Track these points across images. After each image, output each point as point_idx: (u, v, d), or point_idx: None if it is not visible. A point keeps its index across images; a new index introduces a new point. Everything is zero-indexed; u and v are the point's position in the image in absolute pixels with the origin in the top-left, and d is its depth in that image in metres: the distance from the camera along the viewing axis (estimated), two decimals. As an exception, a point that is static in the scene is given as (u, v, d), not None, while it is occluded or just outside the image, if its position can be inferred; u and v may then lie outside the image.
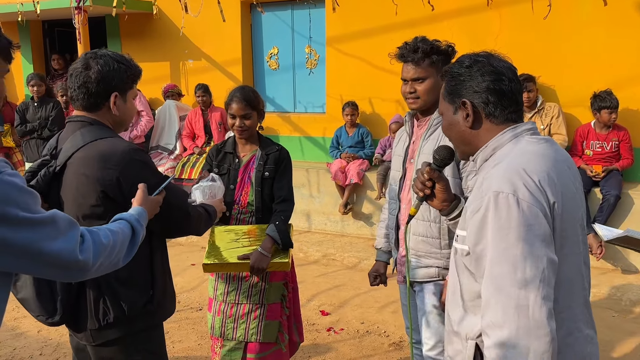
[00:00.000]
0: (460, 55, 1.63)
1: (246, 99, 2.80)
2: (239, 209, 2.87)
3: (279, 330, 2.92)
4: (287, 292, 2.96)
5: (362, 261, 5.41)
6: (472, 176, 2.33)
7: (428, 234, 2.47)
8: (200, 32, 7.29)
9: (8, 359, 3.85)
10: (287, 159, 2.90)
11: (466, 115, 1.56)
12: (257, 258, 2.67)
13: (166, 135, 6.90)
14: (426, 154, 2.42)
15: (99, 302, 1.99)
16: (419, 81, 2.43)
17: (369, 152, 6.10)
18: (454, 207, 1.79)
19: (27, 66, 8.67)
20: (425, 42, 2.41)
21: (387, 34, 6.00)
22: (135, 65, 2.15)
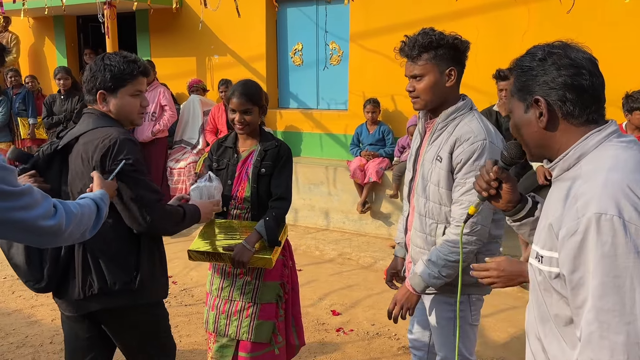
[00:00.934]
0: (531, 47, 1.46)
1: (247, 93, 2.73)
2: (235, 204, 2.83)
3: (272, 331, 2.85)
4: (282, 293, 2.89)
5: (378, 261, 5.31)
6: (459, 188, 2.19)
7: (425, 246, 2.36)
8: (227, 28, 7.31)
9: (19, 345, 3.93)
10: (286, 156, 2.81)
11: (539, 115, 1.38)
12: (238, 250, 2.61)
13: (190, 129, 6.94)
14: (428, 161, 2.29)
15: (86, 274, 2.18)
16: (417, 79, 2.22)
17: (389, 151, 5.99)
18: (520, 208, 1.63)
19: (61, 60, 8.89)
20: (425, 35, 2.18)
21: (411, 30, 5.79)
22: (127, 66, 2.25)
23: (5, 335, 4.09)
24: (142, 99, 2.34)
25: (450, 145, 2.20)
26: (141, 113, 2.36)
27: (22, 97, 7.93)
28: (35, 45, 9.34)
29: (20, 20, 8.92)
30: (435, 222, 2.29)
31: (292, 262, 3.03)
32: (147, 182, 2.22)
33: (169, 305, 4.58)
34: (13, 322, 4.32)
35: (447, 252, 2.21)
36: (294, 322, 3.03)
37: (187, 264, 5.42)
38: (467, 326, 2.39)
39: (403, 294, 2.32)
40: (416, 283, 2.28)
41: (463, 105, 2.26)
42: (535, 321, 1.46)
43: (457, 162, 2.19)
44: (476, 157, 2.15)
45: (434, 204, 2.28)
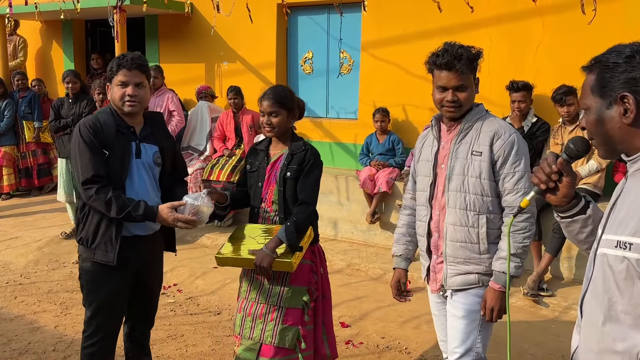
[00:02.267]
0: (615, 45, 1.48)
1: (275, 96, 2.81)
2: (265, 207, 2.89)
3: (297, 337, 2.83)
4: (309, 300, 2.86)
5: (387, 273, 5.22)
6: (510, 178, 2.36)
7: (467, 239, 2.45)
8: (236, 34, 7.28)
9: (22, 352, 3.84)
10: (312, 161, 2.82)
11: (624, 111, 1.42)
12: (260, 256, 2.67)
13: (197, 136, 6.88)
14: (460, 158, 2.42)
15: (79, 224, 2.79)
16: (461, 89, 2.38)
17: (399, 160, 5.92)
18: (575, 204, 1.65)
19: (68, 64, 8.86)
20: (464, 48, 2.36)
21: (423, 41, 5.82)
22: (117, 60, 2.72)
23: (7, 341, 4.00)
24: (128, 89, 2.67)
25: (490, 139, 2.39)
26: (127, 101, 2.68)
27: (28, 101, 7.89)
28: (42, 49, 9.32)
29: (29, 23, 8.91)
30: (478, 213, 2.41)
31: (323, 269, 3.02)
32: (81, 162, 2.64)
33: (173, 314, 4.50)
34: (15, 328, 4.23)
35: (521, 239, 2.39)
36: (325, 330, 3.00)
37: (192, 272, 5.34)
38: (486, 322, 2.47)
39: (495, 296, 2.40)
40: (505, 280, 2.36)
41: (482, 107, 2.51)
42: (602, 316, 1.44)
43: (500, 155, 2.37)
44: (517, 147, 2.38)
45: (476, 196, 2.40)
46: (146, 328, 3.15)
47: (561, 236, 4.62)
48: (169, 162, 2.92)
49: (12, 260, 5.75)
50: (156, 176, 2.86)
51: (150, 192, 2.80)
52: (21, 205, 7.70)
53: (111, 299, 2.79)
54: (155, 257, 3.03)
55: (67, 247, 6.02)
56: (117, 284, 2.79)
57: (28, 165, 8.06)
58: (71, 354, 3.81)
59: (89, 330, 2.81)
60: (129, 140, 2.74)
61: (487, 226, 2.41)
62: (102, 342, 2.80)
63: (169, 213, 2.62)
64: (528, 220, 2.40)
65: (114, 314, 2.86)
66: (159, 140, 2.87)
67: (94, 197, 2.60)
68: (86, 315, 2.82)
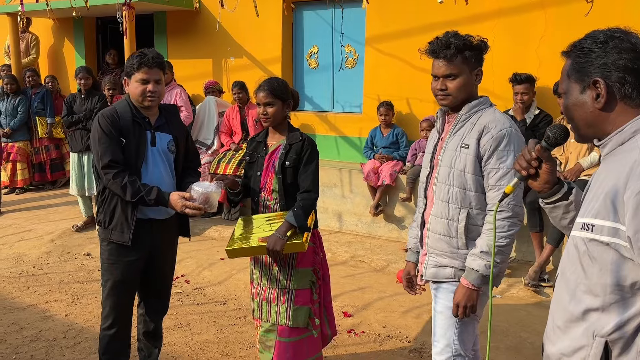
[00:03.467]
0: (591, 31, 1.52)
1: (269, 87, 2.93)
2: (265, 195, 3.02)
3: (309, 316, 2.99)
4: (315, 279, 3.03)
5: (390, 264, 5.29)
6: (494, 174, 2.31)
7: (446, 232, 2.44)
8: (243, 30, 7.36)
9: (33, 339, 3.97)
10: (310, 150, 2.95)
11: (596, 96, 1.45)
12: (272, 240, 2.78)
13: (205, 130, 6.99)
14: (450, 149, 2.40)
15: (99, 208, 3.00)
16: (451, 78, 2.36)
17: (403, 153, 5.97)
18: (556, 190, 1.68)
19: (79, 61, 9.01)
20: (458, 37, 2.34)
21: (427, 34, 5.80)
22: (137, 58, 2.87)
23: (19, 329, 4.14)
24: (149, 85, 2.86)
25: (478, 132, 2.33)
26: (148, 97, 2.88)
27: (41, 97, 8.04)
28: (55, 46, 9.48)
29: (41, 21, 9.07)
30: (459, 207, 2.38)
31: (322, 253, 3.16)
32: (101, 149, 2.83)
33: (180, 303, 4.62)
34: (28, 316, 4.37)
35: (497, 239, 2.29)
36: (325, 311, 3.18)
37: (199, 263, 5.45)
38: (467, 318, 2.42)
39: (462, 293, 2.35)
40: (474, 278, 2.33)
41: (485, 100, 2.43)
42: (567, 294, 1.50)
43: (486, 149, 2.31)
44: (505, 143, 2.29)
45: (459, 189, 2.37)
46: (160, 314, 3.33)
47: (562, 227, 4.65)
48: (182, 150, 3.10)
49: (26, 252, 5.91)
50: (171, 163, 3.05)
51: (164, 178, 2.99)
52: (34, 199, 7.88)
53: (125, 277, 2.99)
54: (169, 241, 3.22)
55: (78, 240, 6.17)
56: (131, 263, 2.99)
57: (41, 160, 8.23)
58: (80, 341, 3.94)
59: (106, 310, 3.04)
60: (144, 129, 2.93)
61: (466, 221, 2.37)
62: (118, 321, 3.02)
63: (178, 200, 2.79)
64: (508, 219, 2.30)
65: (127, 291, 3.06)
66: (172, 129, 3.06)
67: (111, 181, 2.81)
68: (103, 292, 3.06)
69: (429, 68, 2.53)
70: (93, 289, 4.91)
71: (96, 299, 4.66)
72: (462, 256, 2.40)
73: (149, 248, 3.04)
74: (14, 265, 5.58)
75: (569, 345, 1.49)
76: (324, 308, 3.17)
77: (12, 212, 7.30)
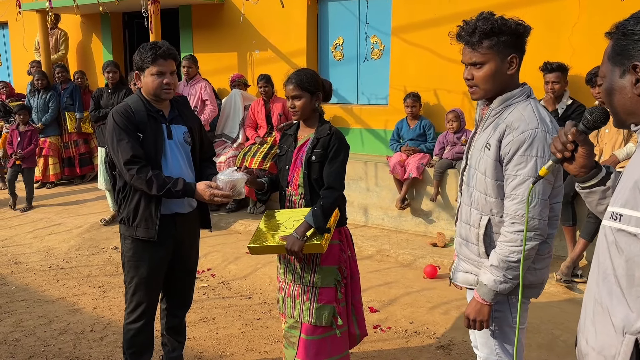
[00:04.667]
0: (637, 11, 1.41)
1: (297, 80, 2.84)
2: (291, 190, 2.96)
3: (333, 314, 2.92)
4: (341, 278, 2.95)
5: (417, 259, 5.20)
6: (510, 180, 2.07)
7: (467, 238, 2.28)
8: (267, 23, 7.31)
9: (61, 332, 4.02)
10: (337, 145, 2.84)
11: (635, 81, 1.36)
12: (290, 241, 2.73)
13: (230, 123, 6.97)
14: (477, 149, 2.20)
15: (120, 206, 2.96)
16: (477, 66, 2.12)
17: (430, 146, 5.85)
18: (593, 174, 1.60)
19: (107, 56, 9.09)
20: (487, 20, 2.07)
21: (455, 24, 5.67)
22: (150, 50, 2.80)
23: (48, 321, 4.19)
24: (165, 77, 2.81)
25: (500, 133, 2.09)
26: (165, 90, 2.84)
27: (70, 92, 8.15)
28: (83, 42, 9.59)
29: (69, 17, 9.18)
30: (480, 212, 2.20)
31: (351, 251, 3.08)
32: (122, 148, 2.78)
33: (206, 297, 4.62)
34: (57, 309, 4.42)
35: (508, 253, 2.08)
36: (354, 311, 3.10)
37: (225, 257, 5.45)
38: (507, 328, 2.27)
39: (473, 307, 2.20)
40: (484, 292, 2.16)
41: (520, 92, 2.14)
42: (597, 287, 1.43)
43: (506, 152, 2.06)
44: (526, 147, 2.02)
45: (480, 193, 2.19)
46: (183, 309, 3.33)
47: (596, 221, 4.49)
48: (197, 141, 3.08)
49: (55, 245, 6.00)
50: (189, 155, 3.03)
51: (184, 170, 2.97)
52: (64, 194, 8.00)
53: (150, 274, 2.97)
54: (193, 235, 3.20)
55: (106, 234, 6.24)
56: (157, 259, 2.97)
57: (70, 154, 8.35)
58: (107, 334, 3.97)
59: (130, 307, 3.03)
60: (160, 122, 2.90)
61: (487, 229, 2.17)
62: (143, 316, 3.00)
63: (205, 189, 2.77)
64: (521, 233, 2.03)
65: (153, 288, 3.04)
66: (186, 121, 3.04)
67: (135, 177, 2.75)
68: (127, 292, 3.04)
69: (457, 58, 2.35)
70: (120, 283, 4.95)
71: (123, 293, 4.66)
72: (482, 265, 2.22)
73: (174, 243, 3.02)
74: (45, 258, 5.67)
75: (599, 340, 1.41)
76: (352, 307, 3.08)
77: (42, 206, 7.43)
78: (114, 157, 2.83)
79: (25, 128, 7.46)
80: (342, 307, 2.98)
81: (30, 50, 9.45)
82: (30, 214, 7.11)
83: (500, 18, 2.10)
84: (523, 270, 2.00)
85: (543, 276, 2.24)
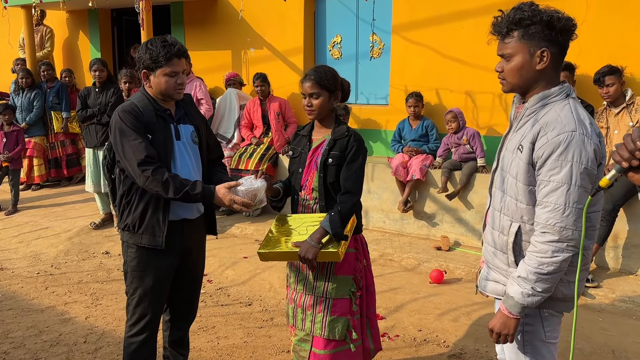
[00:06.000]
0: None
1: (316, 77, 2.66)
2: (305, 194, 2.79)
3: (347, 328, 2.74)
4: (356, 289, 2.76)
5: (422, 263, 5.05)
6: (543, 187, 1.90)
7: (497, 245, 2.12)
8: (263, 20, 7.12)
9: (52, 344, 3.79)
10: (355, 147, 2.65)
11: None
12: (304, 248, 2.57)
13: (225, 123, 6.77)
14: (509, 150, 2.04)
15: (123, 212, 2.76)
16: (506, 59, 2.00)
17: (433, 147, 5.71)
18: None
19: (95, 54, 8.83)
20: (518, 10, 1.94)
21: (458, 21, 5.58)
22: (162, 49, 2.59)
23: (38, 332, 3.96)
24: (178, 77, 2.64)
25: (534, 134, 1.92)
26: (178, 90, 2.67)
27: (56, 91, 7.88)
28: (69, 39, 9.31)
29: (55, 13, 8.90)
30: (510, 219, 2.04)
31: (366, 260, 2.90)
32: (133, 146, 2.57)
33: (204, 304, 4.42)
34: (47, 319, 4.19)
35: (537, 265, 1.92)
36: (369, 324, 2.90)
37: (222, 262, 5.25)
38: (539, 342, 2.11)
39: (498, 319, 2.05)
40: (511, 305, 2.00)
41: (558, 90, 1.97)
42: None
43: (539, 155, 1.89)
44: (561, 151, 1.85)
45: (511, 198, 2.03)
46: (188, 320, 3.14)
47: (608, 224, 4.38)
48: (205, 140, 2.91)
49: (43, 250, 5.75)
50: (197, 155, 2.85)
51: (192, 172, 2.79)
52: (51, 196, 7.73)
53: (156, 285, 2.77)
54: (200, 242, 3.03)
55: (96, 238, 6.00)
56: (163, 268, 2.78)
57: (57, 155, 8.07)
58: (102, 346, 3.75)
59: (133, 319, 2.81)
60: (168, 123, 2.73)
61: (516, 236, 2.02)
62: (146, 329, 2.80)
63: (226, 193, 2.57)
64: (553, 244, 1.88)
65: (158, 299, 2.84)
66: (193, 120, 2.87)
67: (150, 179, 2.53)
68: (130, 303, 2.82)
69: (460, 57, 2.27)
70: (113, 290, 4.72)
71: (116, 300, 4.48)
72: (510, 276, 2.07)
73: (182, 251, 2.83)
74: (32, 264, 5.42)
75: None
76: (367, 320, 2.90)
77: (28, 209, 7.15)
78: (123, 159, 2.60)
79: (11, 128, 7.18)
80: (357, 319, 2.80)
81: (15, 47, 9.14)
82: (15, 217, 6.84)
83: (535, 7, 1.95)
84: (556, 282, 1.92)
85: (573, 291, 2.07)
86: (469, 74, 5.53)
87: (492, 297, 2.24)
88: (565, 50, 2.01)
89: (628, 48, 4.83)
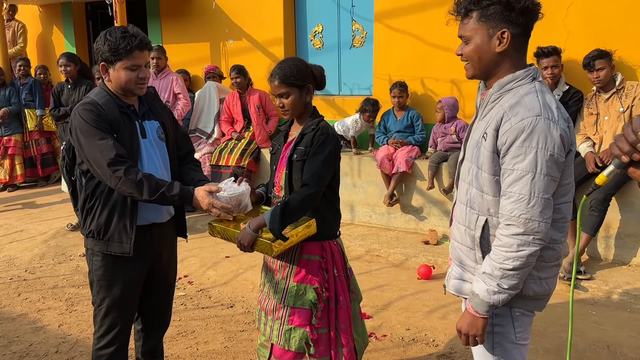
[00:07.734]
0: None
1: (281, 76, 2.46)
2: (275, 191, 2.66)
3: (306, 340, 2.53)
4: (317, 300, 2.52)
5: (410, 258, 4.90)
6: (506, 176, 1.77)
7: (463, 241, 1.97)
8: (241, 10, 6.90)
9: (22, 355, 3.59)
10: (320, 140, 2.45)
11: None
12: (242, 233, 2.43)
13: (205, 118, 6.56)
14: (474, 139, 1.89)
15: (87, 217, 2.56)
16: (464, 41, 1.88)
17: (419, 138, 5.55)
18: None
19: (69, 49, 8.56)
20: None
21: (442, 8, 5.40)
22: (123, 40, 2.38)
23: (7, 343, 3.76)
24: (140, 71, 2.44)
25: (497, 121, 1.79)
26: (139, 84, 2.47)
27: (29, 88, 7.61)
28: (43, 34, 9.02)
29: (27, 8, 8.60)
30: (477, 212, 1.90)
31: (337, 271, 2.64)
32: (99, 145, 2.37)
33: (184, 308, 4.24)
34: (17, 327, 3.99)
35: (502, 260, 1.79)
36: (340, 340, 2.61)
37: (203, 262, 5.06)
38: (508, 344, 1.97)
39: (465, 319, 1.91)
40: (477, 303, 1.86)
41: (523, 74, 1.82)
42: None
43: (503, 142, 1.75)
44: (525, 136, 1.71)
45: (477, 190, 1.89)
46: (161, 329, 2.96)
47: (600, 214, 4.25)
48: (172, 136, 2.71)
49: (17, 254, 5.52)
50: (164, 153, 2.65)
51: (160, 172, 2.59)
52: (26, 197, 7.47)
53: (125, 294, 2.60)
54: (171, 246, 2.84)
55: (73, 240, 5.78)
56: (132, 276, 2.61)
57: (32, 154, 7.82)
58: (75, 356, 3.56)
59: (101, 331, 2.62)
60: (132, 120, 2.52)
61: (483, 230, 1.88)
62: (116, 340, 2.61)
63: (205, 196, 2.41)
64: (518, 237, 1.76)
65: (128, 309, 2.65)
66: (157, 115, 2.66)
67: (123, 180, 2.33)
68: (98, 314, 2.64)
69: (445, 45, 2.12)
70: (89, 294, 4.52)
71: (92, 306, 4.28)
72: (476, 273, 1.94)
73: (152, 257, 2.65)
74: (5, 269, 5.20)
75: None
76: (337, 338, 2.60)
77: (2, 211, 6.90)
78: (90, 161, 2.39)
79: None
80: (320, 334, 2.56)
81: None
82: (-11, 220, 6.59)
83: None
84: (524, 278, 1.80)
85: (549, 286, 1.94)
86: (455, 62, 5.34)
87: (461, 296, 2.08)
88: (528, 32, 1.84)
89: (617, 31, 4.69)
